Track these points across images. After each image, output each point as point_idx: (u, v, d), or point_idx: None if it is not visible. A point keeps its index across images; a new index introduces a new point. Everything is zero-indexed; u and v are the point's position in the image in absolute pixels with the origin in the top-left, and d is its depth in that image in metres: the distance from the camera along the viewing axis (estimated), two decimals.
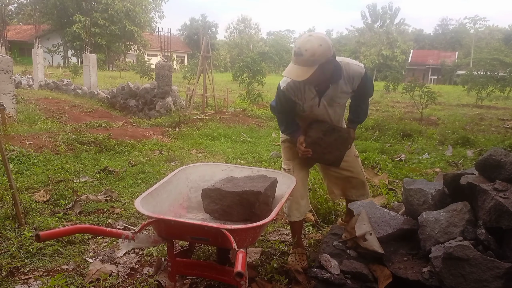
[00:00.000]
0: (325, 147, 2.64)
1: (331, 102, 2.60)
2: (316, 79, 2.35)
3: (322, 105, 2.60)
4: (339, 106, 2.69)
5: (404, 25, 52.53)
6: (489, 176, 2.39)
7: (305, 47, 2.22)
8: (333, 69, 2.42)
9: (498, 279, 2.00)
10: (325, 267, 2.40)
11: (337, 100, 2.61)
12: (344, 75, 2.49)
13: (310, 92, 2.54)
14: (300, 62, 2.25)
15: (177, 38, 45.78)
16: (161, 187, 2.47)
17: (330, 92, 2.54)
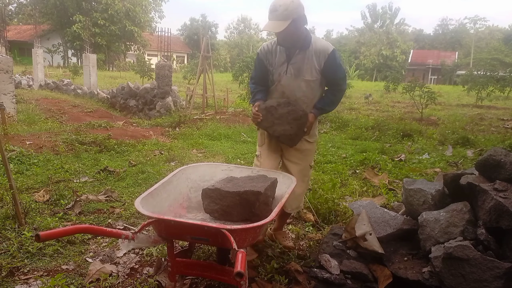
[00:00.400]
0: (277, 118, 2.66)
1: (298, 73, 2.66)
2: (289, 37, 2.53)
3: (290, 73, 2.67)
4: (307, 84, 2.68)
5: (404, 25, 52.60)
6: (489, 176, 2.39)
7: (279, 3, 2.44)
8: (304, 33, 2.59)
9: (498, 279, 2.00)
10: (325, 267, 2.40)
11: (304, 72, 2.65)
12: (313, 46, 2.62)
13: (280, 56, 2.68)
14: (275, 17, 2.46)
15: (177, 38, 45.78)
16: (161, 187, 2.47)
17: (298, 60, 2.63)
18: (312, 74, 2.65)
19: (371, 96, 17.74)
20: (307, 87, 2.70)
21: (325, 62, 2.62)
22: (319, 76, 2.67)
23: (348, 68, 38.36)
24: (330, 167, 5.57)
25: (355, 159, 6.10)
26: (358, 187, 4.60)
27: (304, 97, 2.72)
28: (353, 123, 9.77)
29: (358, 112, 12.90)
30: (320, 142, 7.74)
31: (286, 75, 2.68)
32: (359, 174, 5.33)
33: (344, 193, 4.38)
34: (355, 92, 19.83)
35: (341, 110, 12.86)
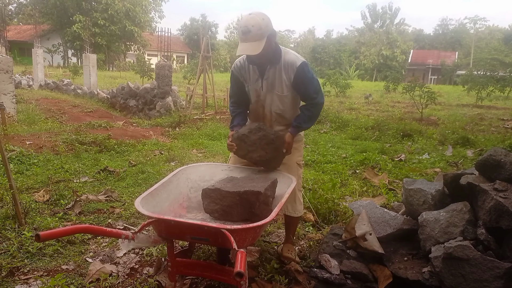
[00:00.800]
0: (250, 145, 2.61)
1: (271, 87, 2.62)
2: (264, 55, 2.45)
3: (265, 89, 2.63)
4: (279, 98, 2.63)
5: (404, 25, 52.61)
6: (489, 176, 2.39)
7: (250, 23, 2.36)
8: (274, 47, 2.53)
9: (498, 279, 2.00)
10: (325, 267, 2.41)
11: (277, 87, 2.60)
12: (282, 61, 2.56)
13: (254, 73, 2.64)
14: (250, 39, 2.37)
15: (177, 38, 45.77)
16: (161, 187, 2.47)
17: (270, 75, 2.59)
18: (283, 89, 2.60)
19: (371, 96, 17.74)
20: (282, 103, 2.65)
21: (294, 76, 2.56)
22: (290, 91, 2.62)
23: (348, 68, 38.38)
24: (330, 167, 5.57)
25: (355, 159, 6.10)
26: (358, 187, 4.60)
27: (282, 112, 2.69)
28: (353, 123, 9.77)
29: (358, 112, 12.90)
30: (320, 142, 7.74)
31: (262, 90, 2.65)
32: (359, 174, 5.33)
33: (344, 193, 4.38)
34: (355, 92, 19.84)
35: (341, 110, 12.86)
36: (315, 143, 7.65)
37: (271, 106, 2.68)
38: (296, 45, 57.88)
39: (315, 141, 7.79)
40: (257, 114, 2.77)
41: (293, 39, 61.75)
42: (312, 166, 5.79)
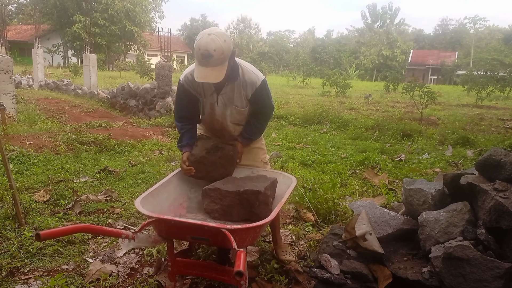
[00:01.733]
0: (210, 165, 2.56)
1: (229, 102, 2.54)
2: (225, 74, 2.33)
3: (221, 103, 2.55)
4: (238, 112, 2.59)
5: (404, 25, 52.61)
6: (489, 176, 2.39)
7: (212, 47, 2.19)
8: (232, 66, 2.39)
9: (498, 279, 2.00)
10: (325, 267, 2.41)
11: (235, 102, 2.54)
12: (240, 78, 2.47)
13: (208, 87, 2.51)
14: (211, 63, 2.22)
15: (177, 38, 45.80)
16: (161, 187, 2.47)
17: (228, 91, 2.50)
18: (242, 103, 2.55)
19: (371, 96, 17.74)
20: (239, 114, 2.61)
21: (253, 94, 2.50)
22: (247, 106, 2.59)
23: (348, 68, 38.38)
24: (330, 167, 5.57)
25: (355, 159, 6.10)
26: (358, 187, 4.60)
27: (236, 121, 2.65)
28: (353, 123, 9.77)
29: (358, 112, 12.90)
30: (320, 142, 7.74)
31: (217, 105, 2.56)
32: (359, 174, 5.33)
33: (344, 193, 4.38)
34: (355, 92, 19.83)
35: (341, 110, 12.86)
36: (315, 143, 7.65)
37: (230, 118, 2.61)
38: (296, 45, 57.85)
39: (315, 141, 7.79)
40: (211, 124, 2.70)
41: (293, 39, 61.73)
42: (312, 166, 5.79)
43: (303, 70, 27.17)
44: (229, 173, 2.65)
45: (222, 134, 2.73)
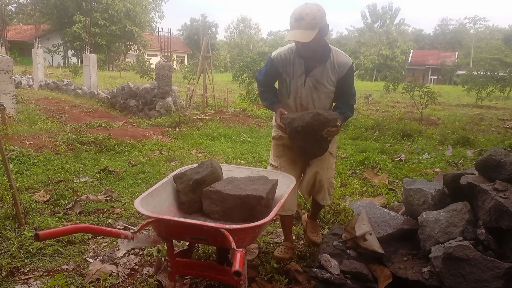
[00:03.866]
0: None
1: (317, 84, 2.57)
2: (313, 47, 2.41)
3: (308, 86, 2.58)
4: (324, 94, 2.62)
5: (404, 25, 52.62)
6: (489, 176, 2.39)
7: (305, 11, 2.31)
8: (324, 45, 2.50)
9: (498, 279, 2.00)
10: (325, 267, 2.40)
11: (322, 84, 2.57)
12: (332, 59, 2.53)
13: (299, 68, 2.57)
14: (302, 26, 2.32)
15: (177, 38, 45.78)
16: (161, 187, 2.46)
17: (317, 73, 2.55)
18: (330, 85, 2.59)
19: (371, 96, 17.74)
20: (326, 98, 2.64)
21: (345, 75, 2.57)
22: (334, 87, 2.62)
23: None
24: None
25: (355, 159, 6.10)
26: (358, 187, 4.60)
27: (322, 106, 2.66)
28: (353, 123, 9.77)
29: (358, 112, 12.90)
30: None
31: (305, 88, 2.59)
32: (359, 174, 5.33)
33: (344, 193, 4.38)
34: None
35: None
36: None
37: (315, 102, 2.63)
38: None
39: None
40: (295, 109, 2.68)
41: None
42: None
43: None
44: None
45: None
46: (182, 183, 2.49)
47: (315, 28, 2.32)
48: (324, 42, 2.49)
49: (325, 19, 2.38)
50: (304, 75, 2.57)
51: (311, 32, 2.32)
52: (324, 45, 2.50)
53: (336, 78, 2.57)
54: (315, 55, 2.51)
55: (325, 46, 2.51)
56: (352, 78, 2.64)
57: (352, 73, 2.63)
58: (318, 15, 2.32)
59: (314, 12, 2.31)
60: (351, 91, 2.68)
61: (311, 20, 2.30)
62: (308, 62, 2.54)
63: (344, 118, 2.68)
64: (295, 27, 2.35)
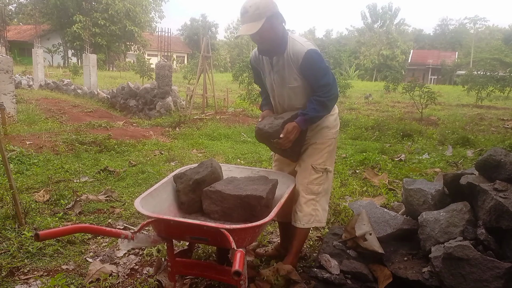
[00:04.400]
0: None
1: (282, 80, 2.46)
2: (266, 38, 2.33)
3: (277, 83, 2.50)
4: (294, 90, 2.45)
5: (404, 25, 52.55)
6: (489, 176, 2.39)
7: (248, 4, 2.27)
8: (281, 33, 2.37)
9: (498, 279, 2.00)
10: (325, 267, 2.40)
11: (287, 79, 2.43)
12: (288, 50, 2.38)
13: (267, 65, 2.52)
14: (247, 19, 2.28)
15: (177, 38, 45.76)
16: (161, 187, 2.46)
17: (279, 68, 2.43)
18: (296, 79, 2.42)
19: (371, 96, 17.74)
20: (296, 95, 2.48)
21: (301, 65, 2.36)
22: (301, 82, 2.42)
23: (348, 68, 38.36)
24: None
25: (355, 159, 6.10)
26: (358, 187, 4.60)
27: (298, 105, 2.49)
28: (353, 123, 9.77)
29: (358, 112, 12.90)
30: None
31: (275, 84, 2.51)
32: (359, 174, 5.33)
33: (344, 193, 4.38)
34: (355, 92, 19.84)
35: (341, 110, 12.86)
36: None
37: (287, 100, 2.52)
38: None
39: None
40: (276, 108, 2.64)
41: None
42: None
43: None
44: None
45: None
46: (182, 183, 2.49)
47: (260, 18, 2.25)
48: (281, 32, 2.37)
49: (272, 7, 2.29)
50: (272, 71, 2.49)
51: (256, 23, 2.25)
52: (281, 35, 2.37)
53: (298, 70, 2.39)
54: (274, 47, 2.39)
55: (283, 36, 2.38)
56: (314, 67, 2.36)
57: (313, 61, 2.34)
58: (262, 5, 2.25)
59: (257, 3, 2.25)
60: (319, 82, 2.38)
61: (255, 11, 2.25)
62: (271, 57, 2.46)
63: (304, 120, 2.40)
64: (242, 21, 2.32)
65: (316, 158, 2.53)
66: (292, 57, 2.37)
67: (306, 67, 2.36)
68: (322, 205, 2.60)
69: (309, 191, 2.53)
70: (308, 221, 2.53)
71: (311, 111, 2.40)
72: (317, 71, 2.37)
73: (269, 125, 2.44)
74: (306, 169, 2.53)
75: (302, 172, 2.55)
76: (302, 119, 2.40)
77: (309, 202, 2.53)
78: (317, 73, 2.37)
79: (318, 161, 2.53)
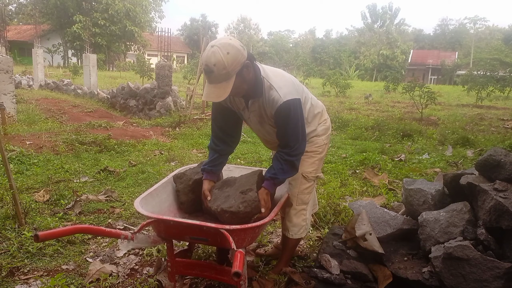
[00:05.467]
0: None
1: (261, 119, 2.27)
2: (240, 89, 2.08)
3: (254, 120, 2.31)
4: (273, 130, 2.29)
5: (404, 25, 52.54)
6: (489, 176, 2.39)
7: (212, 62, 1.93)
8: (253, 80, 2.11)
9: (498, 279, 2.00)
10: (325, 267, 2.40)
11: (266, 117, 2.23)
12: (264, 97, 2.15)
13: (239, 102, 2.27)
14: (214, 80, 1.97)
15: (177, 38, 45.78)
16: (161, 187, 2.47)
17: (256, 109, 2.23)
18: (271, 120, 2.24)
19: (371, 96, 17.74)
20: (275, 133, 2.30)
21: (274, 114, 2.16)
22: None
23: (348, 68, 38.37)
24: (330, 167, 5.56)
25: (355, 159, 6.10)
26: (358, 187, 4.60)
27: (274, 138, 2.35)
28: (353, 123, 9.77)
29: (358, 112, 12.90)
30: None
31: (251, 121, 2.34)
32: (359, 174, 5.33)
33: (344, 193, 4.38)
34: (355, 92, 19.84)
35: (341, 110, 12.87)
36: None
37: (268, 136, 2.39)
38: (296, 45, 57.83)
39: None
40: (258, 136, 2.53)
41: (293, 39, 61.68)
42: None
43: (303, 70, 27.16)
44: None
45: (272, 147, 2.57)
46: (181, 183, 2.49)
47: (228, 78, 1.96)
48: (254, 78, 2.11)
49: (240, 59, 1.96)
50: (247, 109, 2.27)
51: (225, 84, 1.96)
52: (253, 80, 2.11)
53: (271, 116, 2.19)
54: (249, 93, 2.16)
55: (255, 81, 2.12)
56: (285, 121, 2.14)
57: (286, 115, 2.12)
58: (229, 61, 1.92)
59: (222, 60, 1.91)
60: (288, 138, 2.17)
61: (222, 71, 1.93)
62: (244, 98, 2.23)
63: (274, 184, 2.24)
64: (207, 80, 2.00)
65: (307, 167, 2.44)
66: (267, 104, 2.16)
67: (278, 119, 2.17)
68: (309, 212, 2.60)
69: (300, 201, 2.48)
70: (298, 231, 2.52)
71: (280, 173, 2.22)
72: (288, 126, 2.16)
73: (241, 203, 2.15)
74: (297, 179, 2.43)
75: (292, 182, 2.45)
76: (271, 183, 2.24)
77: (299, 213, 2.50)
78: (288, 128, 2.16)
79: (309, 170, 2.46)
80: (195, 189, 2.46)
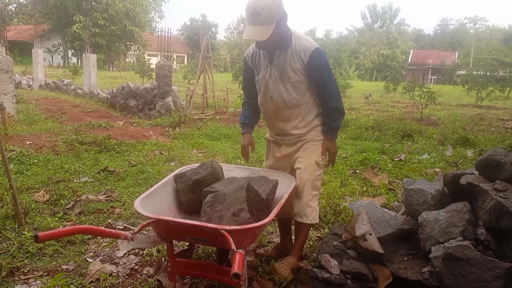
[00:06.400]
0: None
1: (281, 74, 2.44)
2: (274, 38, 2.28)
3: (274, 77, 2.47)
4: (292, 85, 2.46)
5: (404, 25, 52.56)
6: (489, 176, 2.38)
7: (260, 5, 2.18)
8: (285, 32, 2.36)
9: (498, 279, 2.00)
10: (325, 267, 2.40)
11: (287, 73, 2.43)
12: (293, 46, 2.39)
13: (264, 60, 2.51)
14: (258, 22, 2.21)
15: (177, 38, 45.75)
16: (161, 187, 2.46)
17: (280, 62, 2.43)
18: (297, 74, 2.43)
19: (371, 96, 17.74)
20: (295, 89, 2.47)
21: (308, 63, 2.39)
22: (303, 77, 2.44)
23: (348, 68, 38.34)
24: (330, 167, 5.56)
25: (355, 159, 6.10)
26: (358, 187, 4.60)
27: (295, 101, 2.50)
28: (353, 123, 9.77)
29: (358, 112, 12.90)
30: None
31: (271, 79, 2.48)
32: (359, 174, 5.33)
33: (344, 193, 4.38)
34: (355, 92, 19.84)
35: None
36: None
37: (284, 95, 2.49)
38: None
39: None
40: (266, 106, 2.59)
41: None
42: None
43: None
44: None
45: (275, 125, 2.63)
46: (181, 183, 2.49)
47: (272, 22, 2.20)
48: (284, 29, 2.36)
49: (282, 9, 2.25)
50: (269, 65, 2.48)
51: (267, 27, 2.20)
52: (284, 32, 2.36)
53: (302, 67, 2.41)
54: (276, 45, 2.40)
55: (286, 32, 2.38)
56: (321, 66, 2.42)
57: (320, 60, 2.40)
58: (274, 7, 2.19)
59: (269, 5, 2.17)
60: (324, 82, 2.46)
61: (267, 15, 2.18)
62: (270, 52, 2.46)
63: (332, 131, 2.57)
64: (250, 23, 2.24)
65: (318, 155, 2.60)
66: (298, 52, 2.38)
67: (313, 65, 2.40)
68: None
69: (315, 187, 2.60)
70: (315, 216, 2.62)
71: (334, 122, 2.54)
72: (323, 68, 2.44)
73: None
74: (311, 166, 2.57)
75: (307, 169, 2.56)
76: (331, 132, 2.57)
77: (313, 198, 2.61)
78: (323, 71, 2.44)
79: (320, 157, 2.61)
80: (195, 189, 2.46)
